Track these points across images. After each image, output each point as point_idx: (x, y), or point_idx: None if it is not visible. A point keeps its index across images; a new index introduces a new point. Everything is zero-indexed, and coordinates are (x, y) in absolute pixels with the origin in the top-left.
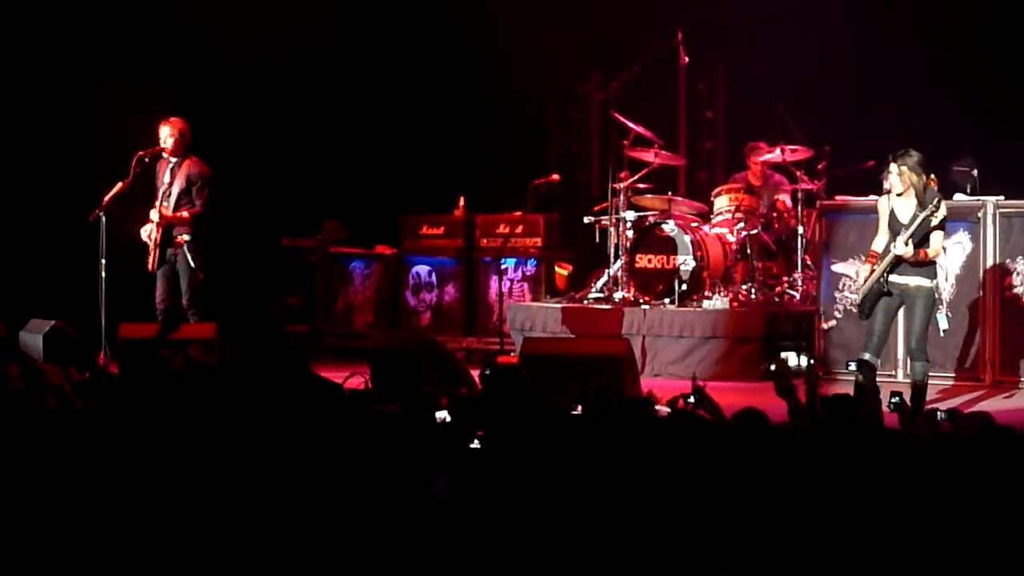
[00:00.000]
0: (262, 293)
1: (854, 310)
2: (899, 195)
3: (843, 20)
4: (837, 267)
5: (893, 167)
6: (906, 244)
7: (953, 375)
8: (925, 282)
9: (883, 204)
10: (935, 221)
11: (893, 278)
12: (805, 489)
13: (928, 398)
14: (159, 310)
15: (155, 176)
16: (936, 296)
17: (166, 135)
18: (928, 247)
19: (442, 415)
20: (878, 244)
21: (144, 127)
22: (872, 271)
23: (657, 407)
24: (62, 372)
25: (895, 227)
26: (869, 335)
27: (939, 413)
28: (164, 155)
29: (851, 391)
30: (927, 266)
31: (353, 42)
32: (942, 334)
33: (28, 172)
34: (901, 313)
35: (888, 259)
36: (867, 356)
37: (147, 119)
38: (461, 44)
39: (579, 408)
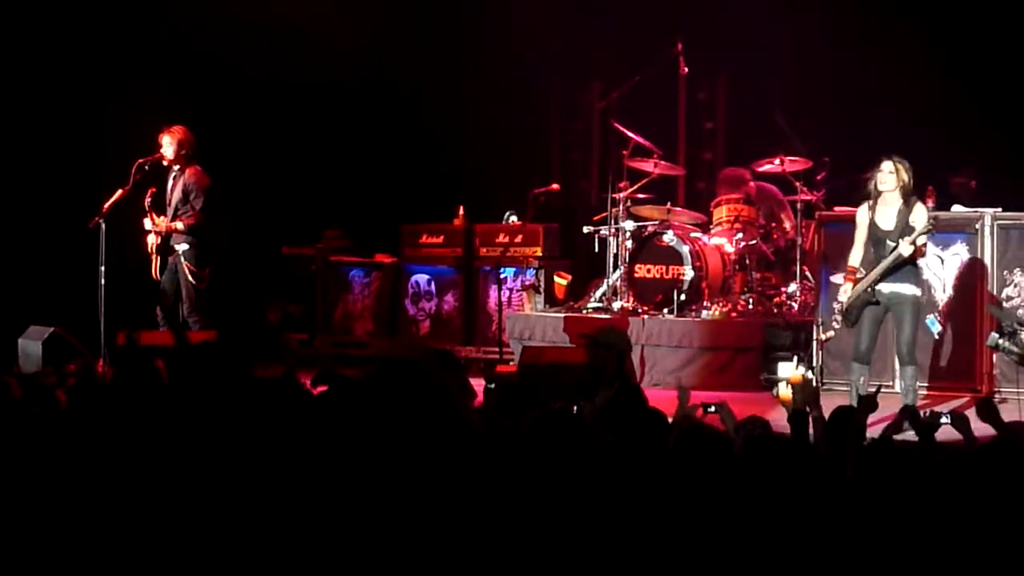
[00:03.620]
0: (261, 301)
1: (837, 320)
2: (889, 191)
3: (844, 32)
4: (836, 278)
5: (887, 164)
6: (911, 244)
7: (949, 385)
8: (912, 289)
9: (862, 215)
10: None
11: (881, 287)
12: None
13: (926, 408)
14: (160, 317)
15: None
16: (923, 302)
17: (166, 143)
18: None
19: None
20: (855, 258)
21: (146, 134)
22: (858, 281)
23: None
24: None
25: (876, 236)
26: (857, 344)
27: (942, 416)
28: (165, 163)
29: (847, 401)
30: (913, 274)
31: (354, 51)
32: (936, 336)
33: (28, 178)
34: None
35: (885, 264)
36: (856, 366)
37: (149, 126)
38: (462, 53)
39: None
